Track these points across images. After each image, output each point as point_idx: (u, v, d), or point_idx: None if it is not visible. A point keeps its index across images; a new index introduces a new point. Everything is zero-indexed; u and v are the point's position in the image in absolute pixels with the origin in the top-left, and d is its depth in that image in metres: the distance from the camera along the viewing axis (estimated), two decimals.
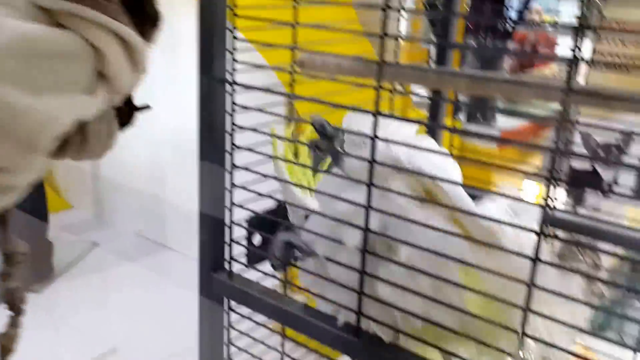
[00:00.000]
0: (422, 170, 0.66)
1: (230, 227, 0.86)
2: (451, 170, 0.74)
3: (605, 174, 1.83)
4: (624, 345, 0.83)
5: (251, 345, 0.94)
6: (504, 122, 1.98)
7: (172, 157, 2.98)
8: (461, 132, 1.31)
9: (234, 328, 0.93)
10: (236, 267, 0.89)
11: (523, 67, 2.04)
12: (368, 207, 0.68)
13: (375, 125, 0.64)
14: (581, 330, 0.63)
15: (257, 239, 0.92)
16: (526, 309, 0.55)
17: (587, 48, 1.14)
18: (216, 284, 0.88)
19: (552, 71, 2.05)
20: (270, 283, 0.90)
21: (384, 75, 0.63)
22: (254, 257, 0.92)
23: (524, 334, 0.58)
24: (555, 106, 0.70)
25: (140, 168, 3.17)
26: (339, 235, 0.73)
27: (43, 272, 2.91)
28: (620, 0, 1.20)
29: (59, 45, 0.36)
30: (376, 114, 0.63)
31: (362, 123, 0.70)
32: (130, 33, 0.38)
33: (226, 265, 0.88)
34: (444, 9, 1.22)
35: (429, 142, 0.78)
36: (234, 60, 0.78)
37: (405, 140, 0.68)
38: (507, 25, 1.83)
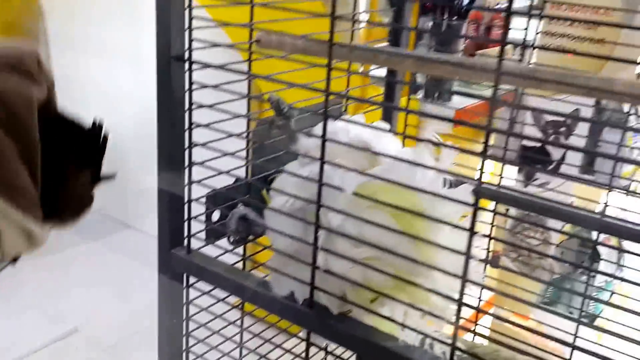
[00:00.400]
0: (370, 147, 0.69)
1: (189, 204, 0.87)
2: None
3: (554, 152, 1.89)
4: (568, 318, 0.88)
5: (210, 321, 0.96)
6: (460, 101, 2.03)
7: (133, 136, 2.97)
8: (412, 112, 1.35)
9: (193, 304, 0.95)
10: (196, 244, 0.91)
11: (478, 47, 2.08)
12: (320, 184, 0.70)
13: (326, 104, 0.66)
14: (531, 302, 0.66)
15: (216, 215, 0.94)
16: (464, 278, 0.58)
17: (534, 29, 1.17)
18: (175, 260, 0.89)
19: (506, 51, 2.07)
20: (232, 260, 0.92)
21: (335, 55, 0.65)
22: (213, 234, 0.94)
23: (461, 302, 0.62)
24: (506, 86, 0.73)
25: None
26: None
27: None
28: None
29: None
30: (327, 93, 0.65)
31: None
32: (34, 227, 0.42)
33: (185, 242, 0.90)
34: None
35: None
36: (191, 39, 0.80)
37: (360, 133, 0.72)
38: (462, 5, 1.87)
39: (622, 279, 1.01)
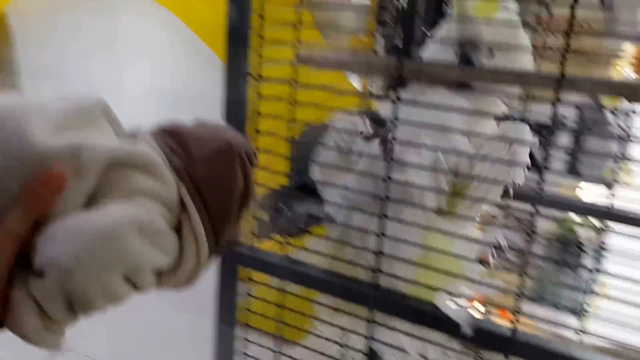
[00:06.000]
0: None
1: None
2: None
3: (540, 152, 2.05)
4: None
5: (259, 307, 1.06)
6: None
7: None
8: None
9: (250, 295, 1.04)
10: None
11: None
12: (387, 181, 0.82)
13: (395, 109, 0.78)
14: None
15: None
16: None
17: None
18: (235, 256, 0.99)
19: None
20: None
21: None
22: (265, 231, 1.04)
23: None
24: None
25: None
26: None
27: None
28: None
29: (169, 245, 0.49)
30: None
31: None
32: (197, 277, 0.53)
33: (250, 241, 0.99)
34: None
35: None
36: (260, 58, 0.90)
37: None
38: None
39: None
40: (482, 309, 0.82)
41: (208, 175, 0.53)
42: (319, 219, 0.92)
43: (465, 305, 0.84)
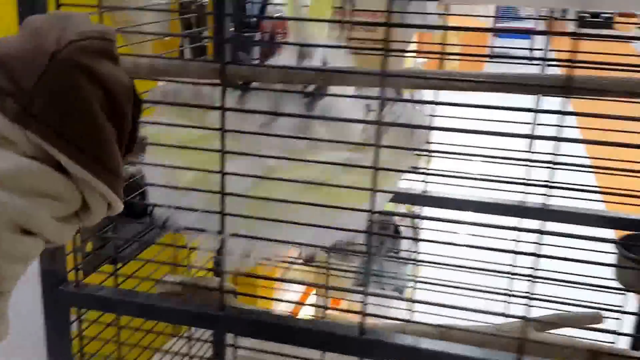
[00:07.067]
0: None
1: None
2: None
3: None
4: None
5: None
6: None
7: None
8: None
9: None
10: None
11: (266, 54, 2.19)
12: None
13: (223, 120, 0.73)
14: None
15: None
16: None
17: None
18: (63, 297, 0.88)
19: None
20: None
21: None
22: (91, 263, 0.94)
23: None
24: None
25: None
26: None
27: None
28: None
29: (54, 188, 0.44)
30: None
31: None
32: (118, 202, 0.47)
33: (71, 276, 0.88)
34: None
35: None
36: None
37: None
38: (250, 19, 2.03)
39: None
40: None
41: (49, 105, 0.43)
42: (149, 242, 0.85)
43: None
